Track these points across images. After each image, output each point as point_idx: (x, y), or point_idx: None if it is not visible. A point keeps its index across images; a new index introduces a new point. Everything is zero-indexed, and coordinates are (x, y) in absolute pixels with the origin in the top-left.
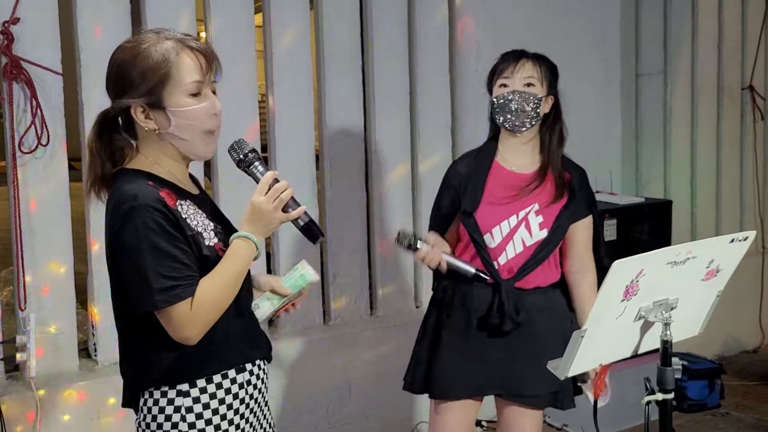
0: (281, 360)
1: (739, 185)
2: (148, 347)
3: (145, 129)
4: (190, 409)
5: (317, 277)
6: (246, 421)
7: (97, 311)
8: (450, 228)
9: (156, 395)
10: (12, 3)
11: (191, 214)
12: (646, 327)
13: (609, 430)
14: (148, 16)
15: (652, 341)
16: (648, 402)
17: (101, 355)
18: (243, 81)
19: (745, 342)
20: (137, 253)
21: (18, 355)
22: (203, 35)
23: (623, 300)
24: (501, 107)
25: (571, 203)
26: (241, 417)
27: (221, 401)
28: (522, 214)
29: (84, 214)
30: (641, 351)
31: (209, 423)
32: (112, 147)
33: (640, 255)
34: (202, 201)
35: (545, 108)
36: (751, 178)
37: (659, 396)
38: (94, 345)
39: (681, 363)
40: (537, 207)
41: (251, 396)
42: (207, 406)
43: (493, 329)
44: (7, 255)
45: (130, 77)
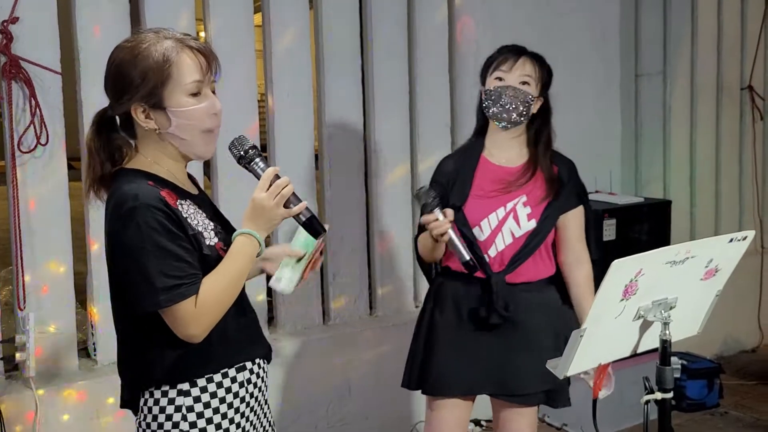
0: (281, 360)
1: (739, 185)
2: (148, 347)
3: (145, 129)
4: (191, 409)
5: (328, 225)
6: (247, 420)
7: (97, 311)
8: None
9: (156, 395)
10: (11, 2)
11: (191, 213)
12: (645, 326)
13: (608, 429)
14: (147, 15)
15: (651, 341)
16: (647, 401)
17: (100, 355)
18: (242, 81)
19: (744, 342)
20: (140, 253)
21: (17, 355)
22: (202, 35)
23: (622, 299)
24: (494, 100)
25: (560, 194)
26: (242, 416)
27: (222, 400)
28: (510, 205)
29: (83, 213)
30: (640, 350)
31: (210, 422)
32: (111, 146)
33: (639, 254)
34: (201, 201)
35: (534, 108)
36: (751, 178)
37: (658, 395)
38: (93, 345)
39: (680, 362)
40: (525, 198)
41: (252, 395)
42: (208, 405)
43: (483, 323)
44: (7, 254)
45: (130, 77)
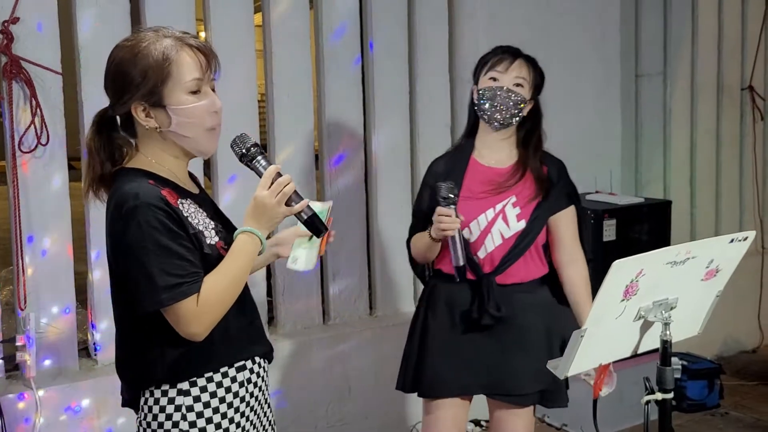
0: (281, 360)
1: (739, 186)
2: (149, 347)
3: (146, 128)
4: (190, 408)
5: (330, 202)
6: (247, 420)
7: (97, 311)
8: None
9: (157, 394)
10: (12, 2)
11: (192, 212)
12: (645, 327)
13: (608, 429)
14: (147, 15)
15: (651, 341)
16: (647, 402)
17: (101, 355)
18: (242, 81)
19: (744, 342)
20: (141, 252)
21: (18, 355)
22: (203, 35)
23: (623, 300)
24: (487, 99)
25: (550, 195)
26: (242, 415)
27: (222, 400)
28: (499, 207)
29: (83, 213)
30: (641, 351)
31: (210, 422)
32: (111, 146)
33: (639, 255)
34: (202, 200)
35: (525, 111)
36: (751, 178)
37: (659, 396)
38: (94, 344)
39: (680, 363)
40: (514, 199)
41: (252, 394)
42: (208, 404)
43: (475, 325)
44: (7, 254)
45: (130, 76)
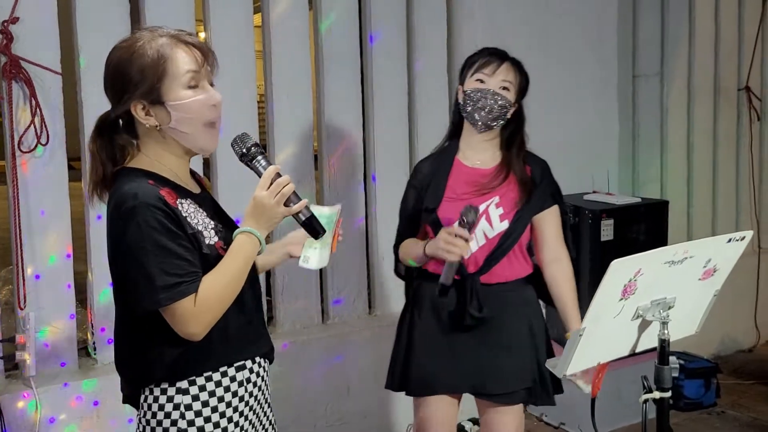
0: (280, 359)
1: (736, 186)
2: (149, 346)
3: (146, 126)
4: (189, 407)
5: (338, 206)
6: (245, 419)
7: (97, 310)
8: (420, 229)
9: (156, 392)
10: (11, 2)
11: (191, 212)
12: (643, 326)
13: (606, 428)
14: (147, 15)
15: (649, 340)
16: (645, 400)
17: (100, 355)
18: (242, 81)
19: (741, 341)
20: (140, 252)
21: (17, 354)
22: (202, 35)
23: (621, 299)
24: (473, 102)
25: (533, 195)
26: (241, 415)
27: (220, 399)
28: (482, 207)
29: (83, 213)
30: (639, 350)
31: (208, 420)
32: (112, 147)
33: (638, 254)
34: (202, 199)
35: (509, 114)
36: (748, 178)
37: (656, 394)
38: (93, 344)
39: (678, 362)
40: (497, 200)
41: (251, 394)
42: (206, 403)
43: (459, 324)
44: (7, 254)
45: (128, 76)
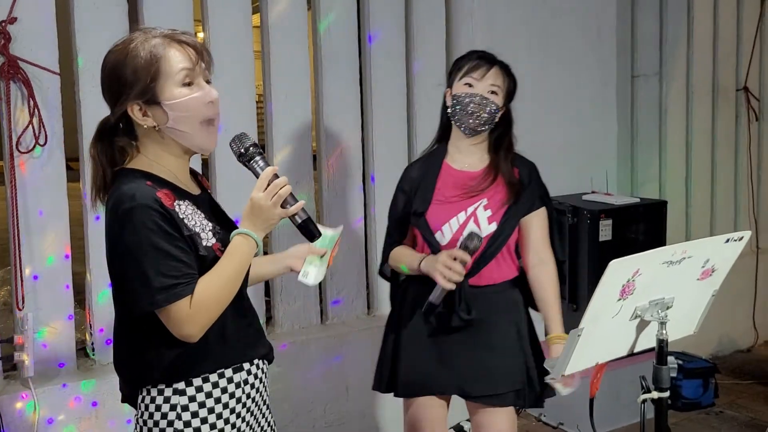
0: (278, 359)
1: (734, 186)
2: (147, 348)
3: (144, 127)
4: (185, 408)
5: (340, 228)
6: (243, 421)
7: (95, 311)
8: (409, 232)
9: (153, 393)
10: (9, 2)
11: (189, 214)
12: (642, 326)
13: (605, 428)
14: (145, 16)
15: (647, 340)
16: (644, 400)
17: (99, 355)
18: (241, 81)
19: (739, 341)
20: (137, 253)
21: (16, 355)
22: (201, 36)
23: (619, 299)
24: (462, 106)
25: (521, 197)
26: (238, 416)
27: (217, 400)
28: (470, 210)
29: (82, 214)
30: (637, 350)
31: (205, 422)
32: (111, 149)
33: (636, 255)
34: (201, 201)
35: (497, 118)
36: (746, 178)
37: (655, 394)
38: (92, 344)
39: (676, 362)
40: (486, 202)
41: (249, 396)
42: (203, 404)
43: (446, 326)
44: (5, 254)
45: (123, 77)
